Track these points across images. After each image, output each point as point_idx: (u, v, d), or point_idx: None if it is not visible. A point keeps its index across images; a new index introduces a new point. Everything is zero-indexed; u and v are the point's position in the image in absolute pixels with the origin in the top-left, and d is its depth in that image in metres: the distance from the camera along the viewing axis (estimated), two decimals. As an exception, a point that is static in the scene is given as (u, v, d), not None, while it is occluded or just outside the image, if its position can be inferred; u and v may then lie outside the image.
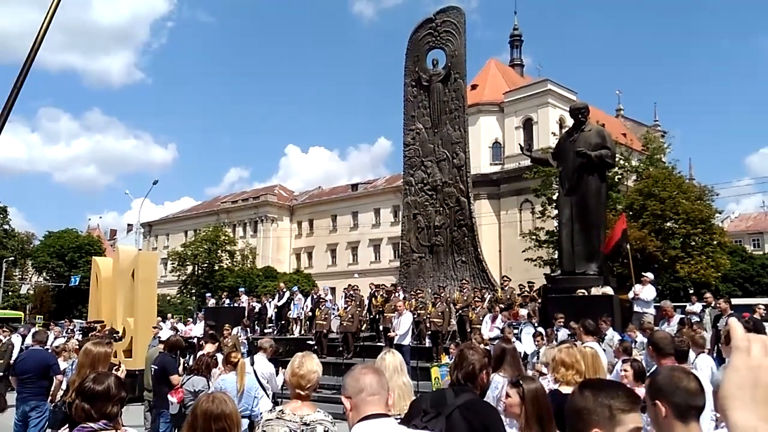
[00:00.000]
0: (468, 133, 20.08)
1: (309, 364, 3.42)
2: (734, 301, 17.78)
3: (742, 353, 0.97)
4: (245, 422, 6.12)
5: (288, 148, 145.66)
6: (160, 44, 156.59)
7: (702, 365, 6.29)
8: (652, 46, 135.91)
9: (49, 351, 9.18)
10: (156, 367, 8.26)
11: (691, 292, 23.59)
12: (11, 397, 9.28)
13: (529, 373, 7.21)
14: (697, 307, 13.44)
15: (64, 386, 7.41)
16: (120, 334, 15.15)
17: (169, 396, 7.29)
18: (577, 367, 4.18)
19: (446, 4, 20.89)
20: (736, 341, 0.99)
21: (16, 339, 18.09)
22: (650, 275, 13.73)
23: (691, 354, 6.16)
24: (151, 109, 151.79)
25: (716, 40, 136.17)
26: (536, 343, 10.53)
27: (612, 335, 9.87)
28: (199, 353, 9.09)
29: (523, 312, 13.44)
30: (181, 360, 9.62)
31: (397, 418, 3.48)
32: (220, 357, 8.20)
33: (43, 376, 8.35)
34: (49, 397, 8.29)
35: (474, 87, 54.70)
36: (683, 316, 12.12)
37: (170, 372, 7.89)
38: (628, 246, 16.46)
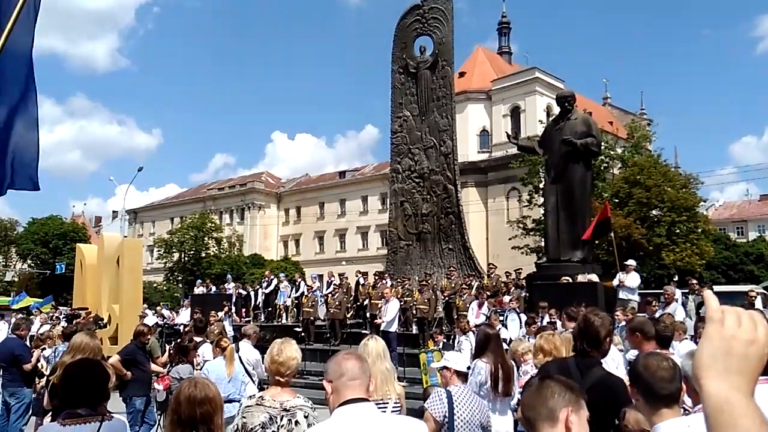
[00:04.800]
0: (455, 121, 20.04)
1: (288, 351, 3.43)
2: (718, 288, 17.99)
3: (715, 324, 0.99)
4: (235, 406, 6.13)
5: (274, 135, 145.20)
6: (146, 30, 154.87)
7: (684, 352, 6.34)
8: (640, 34, 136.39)
9: (23, 338, 9.10)
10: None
11: (675, 279, 23.79)
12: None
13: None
14: (677, 293, 13.55)
15: (47, 372, 7.38)
16: (105, 321, 15.10)
17: (155, 384, 7.31)
18: (555, 354, 4.23)
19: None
20: (711, 312, 1.01)
21: (1, 326, 18.03)
22: (633, 262, 13.86)
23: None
24: (135, 94, 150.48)
25: (698, 30, 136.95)
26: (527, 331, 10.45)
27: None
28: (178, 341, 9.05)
29: (506, 299, 13.53)
30: (167, 346, 9.61)
31: (379, 403, 3.51)
32: (207, 346, 8.16)
33: (13, 364, 8.37)
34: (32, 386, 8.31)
35: (462, 74, 54.60)
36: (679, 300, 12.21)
37: (137, 360, 7.91)
38: (612, 234, 16.62)
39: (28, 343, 9.54)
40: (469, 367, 4.67)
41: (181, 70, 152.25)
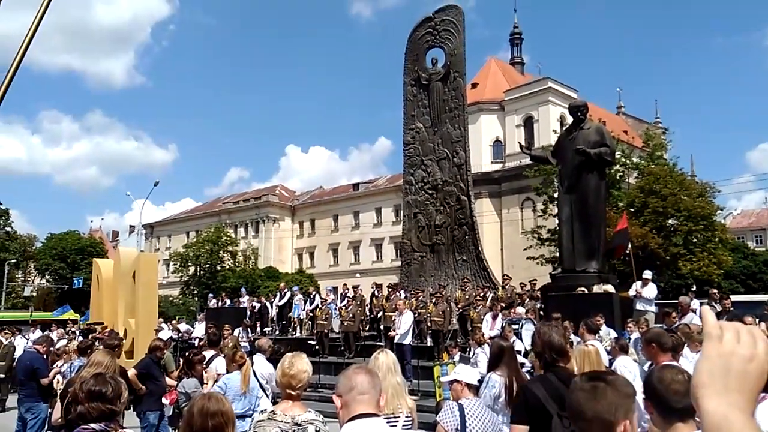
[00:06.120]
0: (468, 132, 20.06)
1: (299, 364, 3.42)
2: (736, 297, 17.76)
3: (713, 341, 0.96)
4: (247, 422, 6.12)
5: (288, 148, 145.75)
6: (161, 47, 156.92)
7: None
8: (653, 42, 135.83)
9: (42, 352, 9.15)
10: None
11: (693, 289, 23.43)
12: (14, 399, 9.37)
13: (526, 368, 7.20)
14: (695, 303, 13.37)
15: (61, 387, 7.43)
16: (121, 336, 15.16)
17: (163, 398, 7.31)
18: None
19: (445, 3, 20.87)
20: (708, 329, 0.98)
21: (19, 341, 18.16)
22: (650, 273, 13.70)
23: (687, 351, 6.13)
24: (151, 110, 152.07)
25: (711, 38, 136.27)
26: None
27: (607, 331, 9.86)
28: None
29: (521, 310, 13.43)
30: (181, 360, 9.63)
31: (390, 418, 3.48)
32: (221, 360, 8.17)
33: (32, 378, 8.43)
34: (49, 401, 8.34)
35: (474, 86, 54.70)
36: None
37: (151, 375, 7.93)
38: (630, 244, 16.46)
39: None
40: (479, 380, 4.63)
41: (196, 86, 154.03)
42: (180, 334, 19.50)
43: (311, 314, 19.48)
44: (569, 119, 15.89)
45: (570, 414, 1.90)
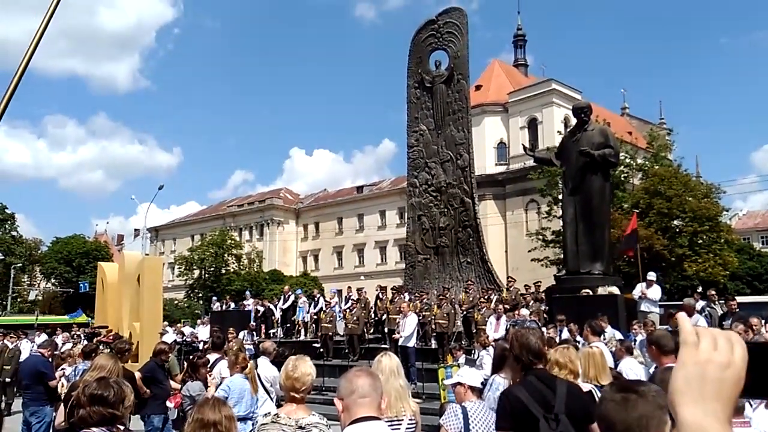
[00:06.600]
0: (472, 134, 20.02)
1: (303, 367, 3.42)
2: (742, 299, 17.70)
3: (689, 348, 0.95)
4: (249, 424, 6.13)
5: (292, 151, 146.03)
6: (166, 50, 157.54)
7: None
8: (657, 43, 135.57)
9: (47, 356, 9.15)
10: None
11: (699, 290, 23.31)
12: (19, 403, 9.39)
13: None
14: (699, 304, 13.34)
15: (65, 391, 7.44)
16: (129, 340, 15.20)
17: (167, 402, 7.32)
18: (571, 367, 4.19)
19: (448, 6, 20.92)
20: (684, 336, 0.97)
21: (25, 345, 18.22)
22: (654, 275, 13.66)
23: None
24: (156, 113, 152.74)
25: (716, 38, 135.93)
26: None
27: (612, 333, 9.84)
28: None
29: (525, 312, 13.41)
30: (185, 363, 9.65)
31: (393, 421, 3.48)
32: (225, 363, 8.18)
33: (38, 382, 8.43)
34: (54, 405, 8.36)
35: (478, 88, 54.67)
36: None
37: (156, 378, 7.95)
38: (638, 246, 16.42)
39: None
40: (483, 383, 4.63)
41: (201, 89, 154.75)
42: (184, 338, 19.53)
43: (315, 317, 19.50)
44: (573, 121, 15.86)
45: (600, 425, 1.85)
